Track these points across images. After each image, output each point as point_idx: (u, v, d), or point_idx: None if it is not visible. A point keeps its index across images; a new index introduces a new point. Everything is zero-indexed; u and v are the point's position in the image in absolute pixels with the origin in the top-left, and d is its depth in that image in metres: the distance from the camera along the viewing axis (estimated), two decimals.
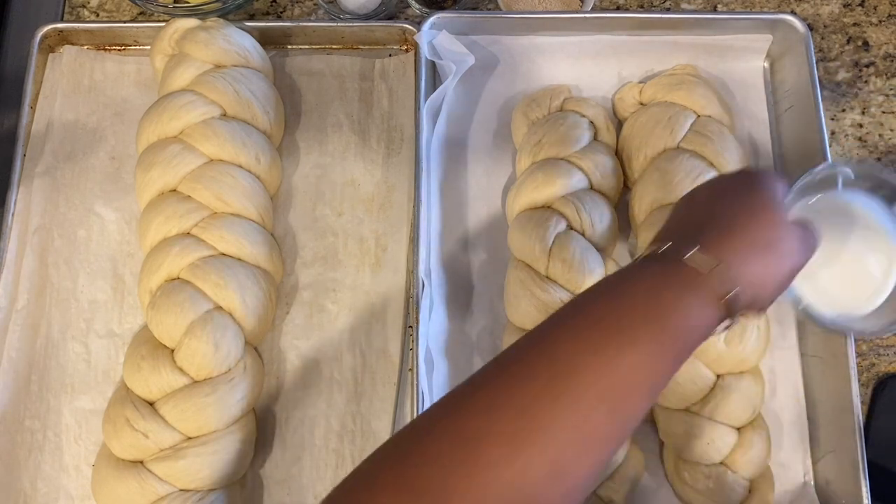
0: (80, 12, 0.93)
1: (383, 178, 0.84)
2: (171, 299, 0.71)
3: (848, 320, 0.63)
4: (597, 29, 0.86)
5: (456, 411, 0.44)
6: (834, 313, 0.62)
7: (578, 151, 0.79)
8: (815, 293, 0.62)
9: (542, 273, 0.75)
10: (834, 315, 0.62)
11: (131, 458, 0.69)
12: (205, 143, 0.76)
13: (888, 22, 0.92)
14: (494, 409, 0.43)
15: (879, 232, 0.62)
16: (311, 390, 0.77)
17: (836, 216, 0.62)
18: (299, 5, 0.92)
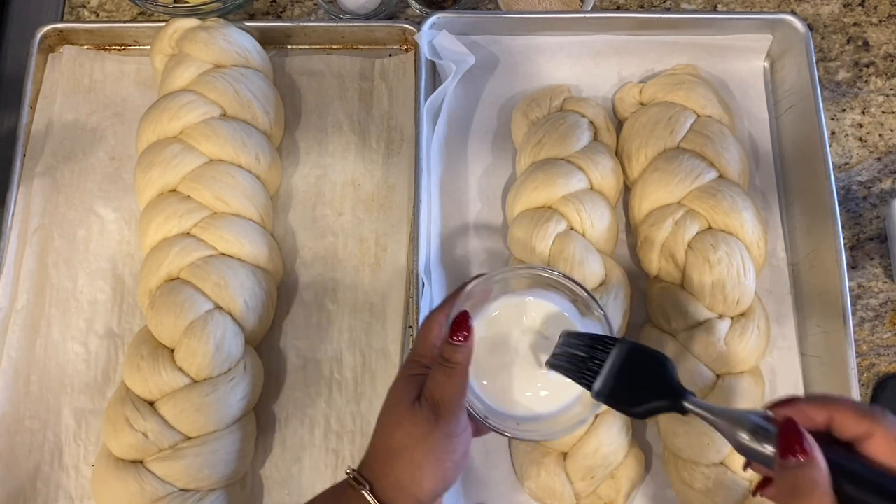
0: (80, 12, 0.93)
1: (383, 178, 0.84)
2: (171, 299, 0.71)
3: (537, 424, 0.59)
4: (597, 29, 0.86)
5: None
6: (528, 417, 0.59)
7: (578, 151, 0.79)
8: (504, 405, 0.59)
9: None
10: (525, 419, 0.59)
11: (131, 458, 0.69)
12: (205, 143, 0.76)
13: (888, 22, 0.92)
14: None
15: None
16: (311, 390, 0.77)
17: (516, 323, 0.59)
18: (299, 5, 0.92)
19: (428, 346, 0.57)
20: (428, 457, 0.53)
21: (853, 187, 0.86)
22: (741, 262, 0.73)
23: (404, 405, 0.55)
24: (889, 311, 0.82)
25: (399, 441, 0.54)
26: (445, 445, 0.54)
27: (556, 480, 0.71)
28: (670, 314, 0.74)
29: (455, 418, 0.54)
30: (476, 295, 0.59)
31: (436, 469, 0.53)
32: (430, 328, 0.58)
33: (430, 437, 0.53)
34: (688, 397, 0.49)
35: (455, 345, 0.54)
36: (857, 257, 0.84)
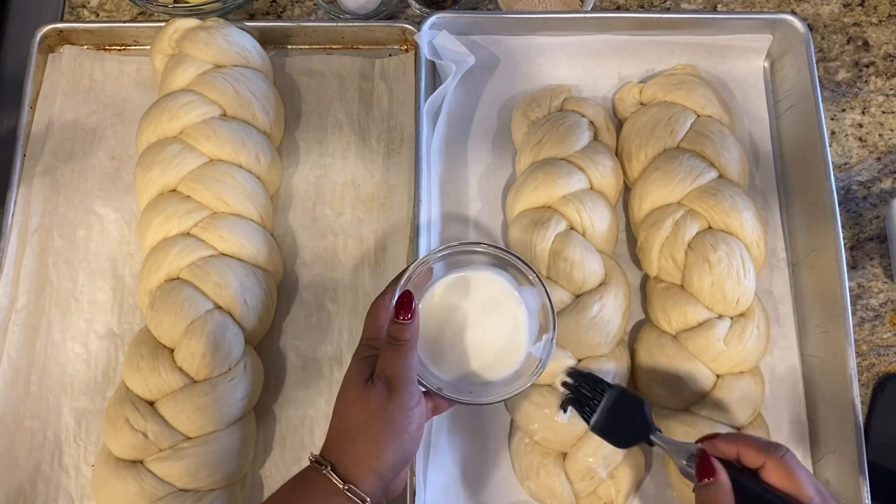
0: (80, 12, 0.93)
1: (383, 178, 0.84)
2: (171, 299, 0.71)
3: (487, 389, 0.64)
4: (597, 29, 0.86)
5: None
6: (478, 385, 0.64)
7: (578, 151, 0.79)
8: (454, 375, 0.64)
9: (543, 273, 0.75)
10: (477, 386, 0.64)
11: (131, 458, 0.69)
12: (205, 143, 0.76)
13: (888, 22, 0.92)
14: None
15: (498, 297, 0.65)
16: (311, 390, 0.77)
17: (458, 296, 0.65)
18: (299, 5, 0.92)
19: (376, 329, 0.62)
20: (384, 430, 0.57)
21: (853, 187, 0.86)
22: (741, 262, 0.73)
23: (358, 385, 0.59)
24: (889, 311, 0.82)
25: (356, 418, 0.57)
26: (400, 419, 0.57)
27: (555, 480, 0.71)
28: (670, 314, 0.74)
29: (407, 392, 0.58)
30: (418, 277, 0.63)
31: (393, 442, 0.57)
32: (376, 312, 0.62)
33: (384, 411, 0.57)
34: (654, 433, 0.64)
35: (401, 323, 0.58)
36: (857, 257, 0.84)
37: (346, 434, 0.58)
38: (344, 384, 0.60)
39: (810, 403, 0.77)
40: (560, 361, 0.72)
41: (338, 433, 0.59)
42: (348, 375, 0.60)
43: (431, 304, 0.64)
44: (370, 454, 0.56)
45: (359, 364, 0.60)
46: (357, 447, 0.57)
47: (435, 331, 0.63)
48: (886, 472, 0.75)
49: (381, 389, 0.57)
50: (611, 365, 0.72)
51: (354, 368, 0.60)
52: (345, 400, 0.59)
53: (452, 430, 0.75)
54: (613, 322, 0.73)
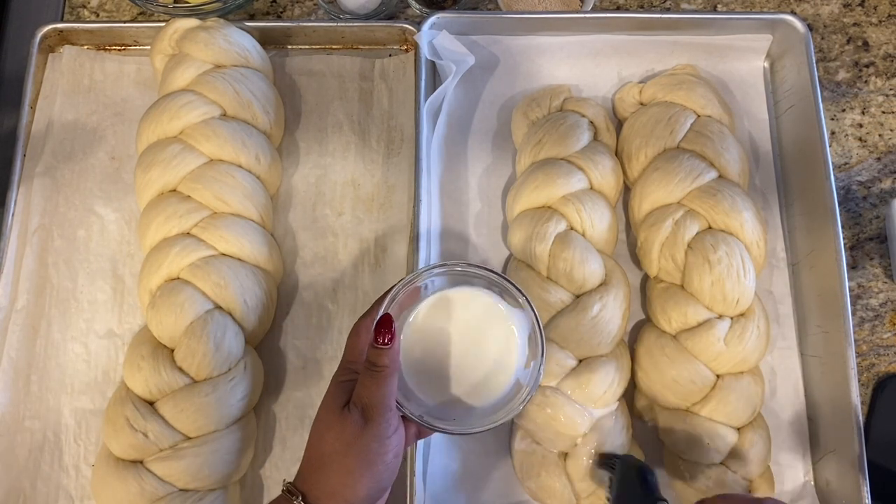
0: (80, 12, 0.93)
1: (383, 178, 0.84)
2: (171, 299, 0.71)
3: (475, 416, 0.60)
4: (597, 29, 0.86)
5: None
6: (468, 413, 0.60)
7: (578, 151, 0.79)
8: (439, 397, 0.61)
9: (543, 274, 0.75)
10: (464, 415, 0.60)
11: (131, 458, 0.69)
12: (205, 143, 0.76)
13: (888, 22, 0.92)
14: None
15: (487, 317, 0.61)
16: (311, 390, 0.77)
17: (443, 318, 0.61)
18: (299, 5, 0.92)
19: (356, 352, 0.58)
20: (359, 460, 0.54)
21: (853, 187, 0.86)
22: (741, 262, 0.73)
23: (334, 411, 0.56)
24: (889, 311, 0.82)
25: (330, 446, 0.55)
26: (376, 448, 0.55)
27: (556, 480, 0.71)
28: (670, 314, 0.74)
29: (384, 420, 0.55)
30: (402, 298, 0.59)
31: (367, 472, 0.54)
32: (357, 334, 0.59)
33: (359, 440, 0.54)
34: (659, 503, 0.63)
35: (380, 349, 0.55)
36: (857, 257, 0.84)
37: (319, 462, 0.56)
38: (320, 409, 0.58)
39: (810, 403, 0.77)
40: (560, 362, 0.72)
41: (311, 461, 0.56)
42: (325, 400, 0.58)
43: (416, 326, 0.60)
44: (344, 484, 0.54)
45: (336, 388, 0.58)
46: (330, 476, 0.55)
47: (419, 353, 0.60)
48: (886, 472, 0.75)
49: (356, 417, 0.55)
50: (611, 365, 0.72)
51: (331, 393, 0.58)
52: (320, 426, 0.57)
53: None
54: (613, 322, 0.73)
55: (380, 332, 0.55)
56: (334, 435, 0.55)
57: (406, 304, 0.60)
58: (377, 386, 0.55)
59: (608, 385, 0.71)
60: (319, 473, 0.55)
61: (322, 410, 0.58)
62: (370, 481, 0.55)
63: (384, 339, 0.55)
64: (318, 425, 0.57)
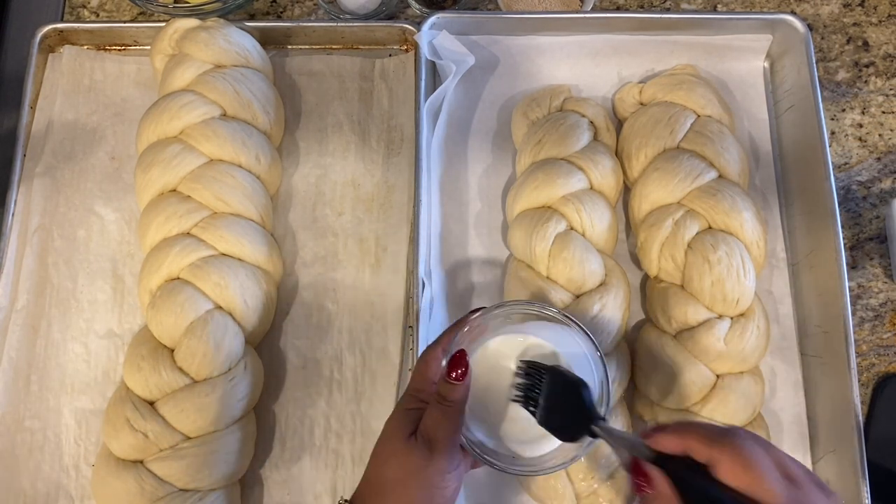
0: (80, 12, 0.93)
1: (383, 178, 0.84)
2: (171, 299, 0.71)
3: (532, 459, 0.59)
4: (597, 29, 0.86)
5: None
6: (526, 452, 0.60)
7: (578, 151, 0.79)
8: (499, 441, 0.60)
9: (543, 274, 0.75)
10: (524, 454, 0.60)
11: (131, 458, 0.69)
12: (205, 143, 0.76)
13: (888, 22, 0.92)
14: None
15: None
16: (311, 390, 0.77)
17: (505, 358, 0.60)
18: (299, 5, 0.92)
19: (425, 382, 0.58)
20: (420, 492, 0.54)
21: (853, 187, 0.86)
22: (741, 262, 0.73)
23: (400, 439, 0.56)
24: (889, 311, 0.82)
25: (392, 473, 0.55)
26: (438, 481, 0.54)
27: (556, 480, 0.71)
28: (670, 314, 0.74)
29: (449, 455, 0.55)
30: (474, 329, 0.59)
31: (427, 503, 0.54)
32: (427, 364, 0.58)
33: (423, 471, 0.54)
34: (596, 422, 0.55)
35: (452, 384, 0.55)
36: (857, 257, 0.84)
37: (380, 487, 0.55)
38: (384, 434, 0.58)
39: (810, 403, 0.77)
40: None
41: (372, 484, 0.56)
42: (390, 425, 0.58)
43: (482, 360, 0.59)
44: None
45: (403, 416, 0.57)
46: (389, 502, 0.54)
47: (482, 388, 0.59)
48: (886, 472, 0.75)
49: (423, 449, 0.54)
50: (611, 365, 0.72)
51: (397, 420, 0.57)
52: (384, 451, 0.57)
53: None
54: (613, 322, 0.73)
55: (454, 367, 0.55)
56: (398, 463, 0.55)
57: (476, 335, 0.60)
58: (446, 420, 0.55)
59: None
60: (379, 498, 0.55)
61: (386, 436, 0.57)
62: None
63: (458, 375, 0.55)
64: (382, 450, 0.57)
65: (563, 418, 0.57)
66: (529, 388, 0.58)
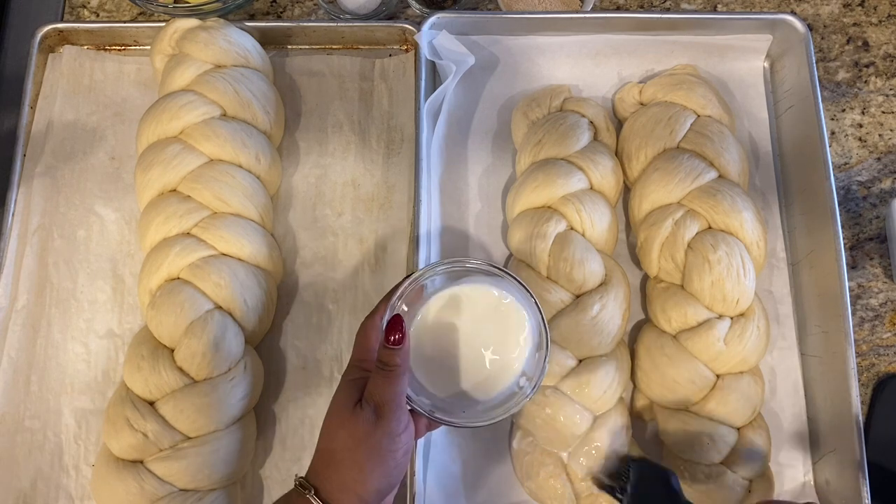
0: (80, 12, 0.93)
1: (383, 178, 0.84)
2: (171, 299, 0.71)
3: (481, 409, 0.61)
4: (597, 29, 0.86)
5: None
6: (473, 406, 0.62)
7: (578, 151, 0.79)
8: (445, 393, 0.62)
9: (543, 274, 0.75)
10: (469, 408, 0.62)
11: (131, 458, 0.69)
12: (205, 143, 0.76)
13: (888, 22, 0.92)
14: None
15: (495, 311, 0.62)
16: (311, 390, 0.77)
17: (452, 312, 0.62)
18: (299, 5, 0.92)
19: (366, 351, 0.60)
20: (370, 456, 0.55)
21: (853, 187, 0.86)
22: (741, 262, 0.73)
23: (346, 408, 0.57)
24: (889, 311, 0.82)
25: (342, 442, 0.56)
26: (387, 444, 0.56)
27: (556, 480, 0.71)
28: (670, 314, 0.74)
29: (395, 417, 0.56)
30: (409, 294, 0.61)
31: (378, 468, 0.56)
32: (366, 333, 0.60)
33: (371, 437, 0.55)
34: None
35: (391, 349, 0.56)
36: (856, 257, 0.84)
37: (331, 458, 0.57)
38: (331, 407, 0.59)
39: (810, 403, 0.77)
40: (560, 362, 0.72)
41: (323, 457, 0.58)
42: (336, 398, 0.59)
43: (424, 322, 0.61)
44: (355, 479, 0.55)
45: (347, 386, 0.59)
46: (342, 472, 0.56)
47: (428, 349, 0.61)
48: (886, 472, 0.75)
49: (368, 415, 0.56)
50: (611, 365, 0.72)
51: (342, 391, 0.59)
52: (331, 423, 0.58)
53: (452, 430, 0.75)
54: (613, 322, 0.73)
55: (391, 332, 0.56)
56: (346, 432, 0.56)
57: (412, 301, 0.62)
58: (389, 384, 0.56)
59: (608, 385, 0.71)
60: (331, 469, 0.56)
61: (333, 407, 0.59)
62: (381, 476, 0.56)
63: (395, 339, 0.56)
64: (330, 422, 0.58)
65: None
66: (621, 479, 0.66)
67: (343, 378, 0.60)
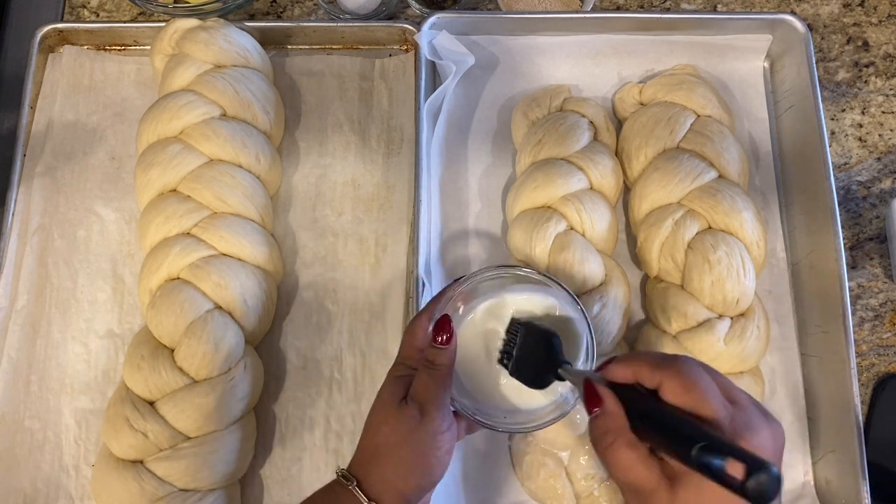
0: (80, 12, 0.93)
1: (383, 178, 0.84)
2: (171, 299, 0.71)
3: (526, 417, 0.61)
4: (597, 29, 0.86)
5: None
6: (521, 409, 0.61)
7: (578, 151, 0.79)
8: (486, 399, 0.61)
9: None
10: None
11: (131, 458, 0.69)
12: (205, 143, 0.76)
13: (888, 22, 0.92)
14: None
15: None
16: (311, 390, 0.77)
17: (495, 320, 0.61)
18: (299, 5, 0.92)
19: (413, 350, 0.60)
20: (413, 453, 0.56)
21: (853, 187, 0.86)
22: (741, 262, 0.73)
23: (391, 405, 0.58)
24: (889, 311, 0.82)
25: (385, 438, 0.57)
26: (430, 442, 0.56)
27: (556, 481, 0.71)
28: (670, 314, 0.74)
29: (440, 416, 0.57)
30: (460, 296, 0.61)
31: (420, 465, 0.56)
32: (414, 332, 0.61)
33: (414, 434, 0.56)
34: (562, 366, 0.57)
35: (438, 348, 0.57)
36: (856, 257, 0.84)
37: (374, 452, 0.57)
38: (377, 402, 0.59)
39: (810, 403, 0.77)
40: None
41: (366, 451, 0.58)
42: (382, 393, 0.60)
43: (472, 326, 0.61)
44: (397, 475, 0.56)
45: (393, 383, 0.59)
46: (385, 467, 0.56)
47: (473, 352, 0.61)
48: (886, 472, 0.75)
49: (413, 412, 0.56)
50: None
51: (388, 387, 0.59)
52: (376, 418, 0.58)
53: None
54: (613, 322, 0.73)
55: (439, 332, 0.58)
56: (390, 428, 0.57)
57: (461, 304, 0.62)
58: (434, 383, 0.57)
59: None
60: (374, 463, 0.57)
61: (378, 404, 0.59)
62: (422, 474, 0.56)
63: (443, 339, 0.57)
64: (375, 417, 0.59)
65: (536, 368, 0.58)
66: (509, 345, 0.60)
67: (389, 374, 0.61)
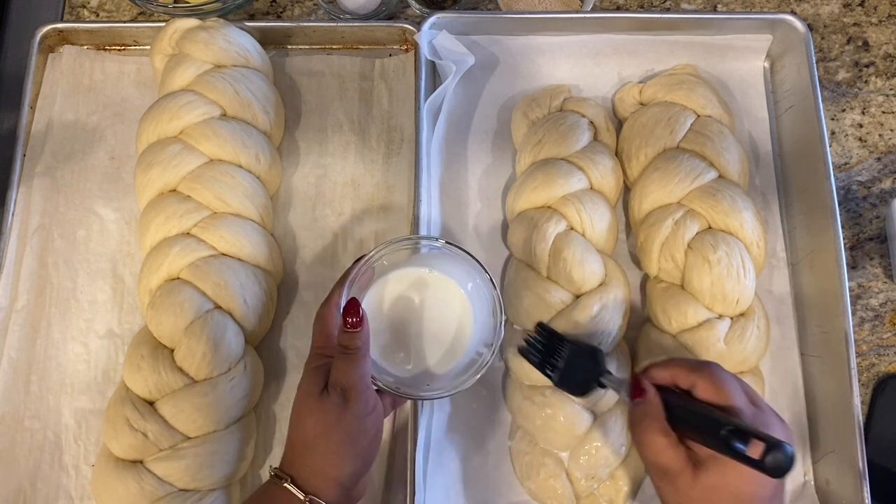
0: (80, 12, 0.93)
1: (383, 178, 0.84)
2: (171, 299, 0.71)
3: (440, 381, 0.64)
4: (597, 29, 0.86)
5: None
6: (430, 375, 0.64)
7: (578, 151, 0.79)
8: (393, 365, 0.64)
9: (543, 274, 0.75)
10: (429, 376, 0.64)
11: (131, 458, 0.69)
12: (205, 143, 0.76)
13: (888, 22, 0.92)
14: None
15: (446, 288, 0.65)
16: None
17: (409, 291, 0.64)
18: (299, 5, 0.92)
19: (325, 338, 0.61)
20: (342, 440, 0.57)
21: (853, 187, 0.86)
22: (741, 262, 0.73)
23: (313, 396, 0.58)
24: (889, 311, 0.82)
25: (312, 430, 0.57)
26: (358, 426, 0.57)
27: (556, 481, 0.71)
28: (670, 314, 0.74)
29: (363, 399, 0.57)
30: (361, 277, 0.62)
31: (351, 450, 0.57)
32: (323, 320, 0.61)
33: (341, 421, 0.57)
34: (604, 374, 0.66)
35: (350, 332, 0.58)
36: (857, 257, 0.84)
37: (303, 446, 0.57)
38: (298, 395, 0.60)
39: (810, 403, 0.77)
40: None
41: (295, 446, 0.58)
42: (302, 386, 0.60)
43: (379, 302, 0.63)
44: (329, 464, 0.56)
45: (311, 374, 0.60)
46: (316, 458, 0.57)
47: (385, 327, 0.63)
48: (886, 472, 0.75)
49: (336, 399, 0.57)
50: (611, 365, 0.72)
51: (307, 379, 0.60)
52: (300, 411, 0.59)
53: (452, 430, 0.75)
54: (613, 322, 0.73)
55: (349, 316, 0.58)
56: (315, 419, 0.57)
57: (363, 285, 0.63)
58: (352, 367, 0.58)
59: None
60: (304, 457, 0.57)
61: (300, 397, 0.60)
62: (355, 458, 0.57)
63: (353, 322, 0.58)
64: (298, 411, 0.59)
65: (578, 379, 0.66)
66: (554, 358, 0.67)
67: (306, 367, 0.61)
